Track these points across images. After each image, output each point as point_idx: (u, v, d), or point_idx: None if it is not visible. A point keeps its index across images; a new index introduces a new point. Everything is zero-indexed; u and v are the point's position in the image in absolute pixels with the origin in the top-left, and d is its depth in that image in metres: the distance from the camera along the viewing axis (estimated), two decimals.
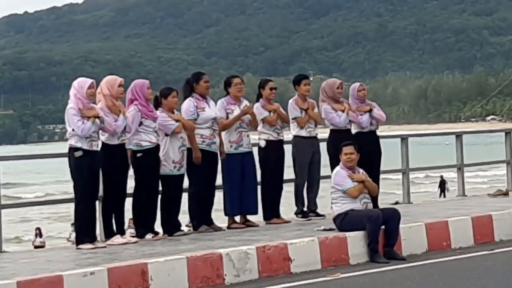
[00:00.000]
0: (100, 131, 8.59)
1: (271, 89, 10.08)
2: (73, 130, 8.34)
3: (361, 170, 9.04)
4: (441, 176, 33.83)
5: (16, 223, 31.95)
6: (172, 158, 9.20)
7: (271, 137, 9.97)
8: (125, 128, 8.76)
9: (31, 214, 35.47)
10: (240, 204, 9.79)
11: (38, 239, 23.96)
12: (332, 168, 9.52)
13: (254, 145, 10.04)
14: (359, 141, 9.82)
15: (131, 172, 9.03)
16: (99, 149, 8.58)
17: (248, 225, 9.80)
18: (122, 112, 8.71)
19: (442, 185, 33.74)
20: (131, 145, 8.94)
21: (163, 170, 9.16)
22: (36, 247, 21.93)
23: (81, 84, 8.46)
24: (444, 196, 31.49)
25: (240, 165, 9.76)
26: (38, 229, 24.86)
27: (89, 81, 8.49)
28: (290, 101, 10.20)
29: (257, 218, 10.11)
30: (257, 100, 10.11)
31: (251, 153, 9.91)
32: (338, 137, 10.01)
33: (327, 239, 8.38)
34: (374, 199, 10.14)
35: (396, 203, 20.38)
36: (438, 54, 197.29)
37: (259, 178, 10.04)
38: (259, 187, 10.14)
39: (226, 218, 9.94)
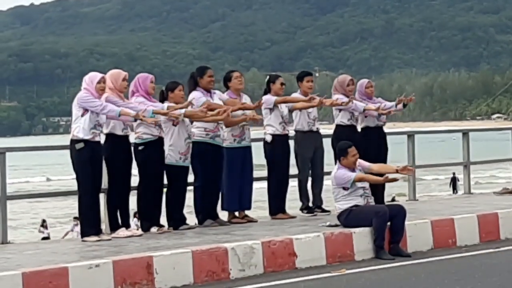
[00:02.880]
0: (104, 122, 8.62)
1: (281, 84, 10.10)
2: (82, 115, 8.32)
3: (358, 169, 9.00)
4: (453, 173, 34.24)
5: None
6: (178, 149, 9.20)
7: (277, 132, 9.95)
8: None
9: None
10: (239, 199, 9.78)
11: (46, 231, 24.01)
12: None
13: (253, 140, 10.03)
14: (366, 137, 9.81)
15: (136, 165, 9.04)
16: (101, 141, 8.61)
17: (248, 220, 9.78)
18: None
19: (454, 182, 34.18)
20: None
21: (169, 159, 9.15)
22: (43, 238, 21.99)
23: (91, 78, 8.58)
24: (456, 192, 31.89)
25: (241, 159, 9.76)
26: (44, 221, 24.92)
27: (99, 75, 8.59)
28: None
29: (254, 213, 10.09)
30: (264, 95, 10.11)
31: (250, 147, 9.91)
32: (344, 132, 10.02)
33: (332, 235, 8.37)
34: (380, 195, 10.15)
35: (393, 199, 20.44)
36: (444, 52, 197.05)
37: (256, 174, 10.03)
38: (259, 183, 10.16)
39: (224, 212, 9.91)
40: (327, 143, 10.33)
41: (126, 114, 8.47)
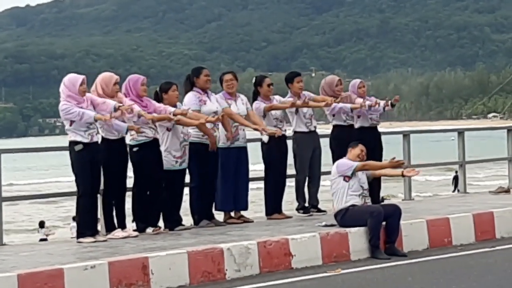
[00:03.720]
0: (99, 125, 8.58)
1: (268, 85, 10.05)
2: (70, 125, 8.30)
3: None
4: (456, 172, 34.42)
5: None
6: (173, 153, 9.19)
7: None
8: None
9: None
10: (234, 200, 9.77)
11: (43, 230, 23.95)
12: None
13: (249, 140, 10.02)
14: (361, 137, 9.81)
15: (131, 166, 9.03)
16: (99, 141, 8.57)
17: (244, 221, 9.77)
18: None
19: (456, 180, 34.36)
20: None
21: (165, 165, 9.12)
22: (40, 240, 21.94)
23: (72, 81, 8.37)
24: (458, 191, 31.97)
25: (235, 160, 9.75)
26: (43, 222, 24.85)
27: (80, 77, 8.39)
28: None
29: (253, 214, 10.09)
30: (254, 98, 10.05)
31: (245, 148, 9.89)
32: (342, 133, 10.02)
33: (328, 235, 8.37)
34: (376, 195, 10.16)
35: (382, 199, 20.31)
36: (440, 51, 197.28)
37: (252, 174, 10.02)
38: (256, 183, 10.14)
39: (220, 212, 9.90)
40: (324, 143, 10.32)
41: (99, 118, 8.30)
